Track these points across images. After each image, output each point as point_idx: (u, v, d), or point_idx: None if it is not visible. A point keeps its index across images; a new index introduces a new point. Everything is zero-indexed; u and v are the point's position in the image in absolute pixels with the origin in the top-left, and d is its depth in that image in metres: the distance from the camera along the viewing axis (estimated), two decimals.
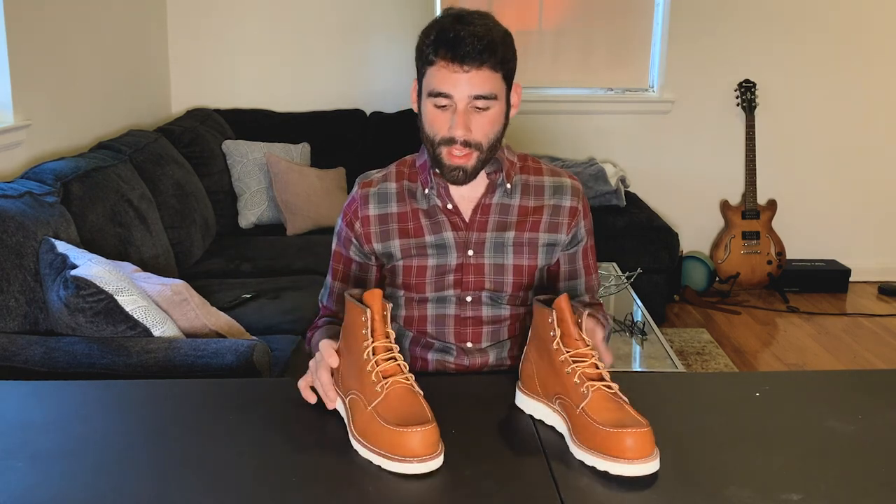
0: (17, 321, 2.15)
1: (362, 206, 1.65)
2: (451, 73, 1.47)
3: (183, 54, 4.44)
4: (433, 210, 1.63)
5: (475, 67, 1.47)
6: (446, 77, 1.48)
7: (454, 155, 1.53)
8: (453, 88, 1.48)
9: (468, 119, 1.50)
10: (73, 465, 1.18)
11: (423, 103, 1.54)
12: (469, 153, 1.53)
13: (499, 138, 1.56)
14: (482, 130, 1.52)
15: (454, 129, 1.50)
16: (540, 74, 4.59)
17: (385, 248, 1.64)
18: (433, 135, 1.54)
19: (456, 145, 1.51)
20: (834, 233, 4.77)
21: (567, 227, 1.66)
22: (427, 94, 1.52)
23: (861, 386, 1.48)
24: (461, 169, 1.54)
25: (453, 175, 1.55)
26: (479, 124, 1.51)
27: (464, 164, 1.54)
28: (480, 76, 1.48)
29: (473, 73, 1.47)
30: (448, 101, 1.49)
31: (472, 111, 1.50)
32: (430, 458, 1.16)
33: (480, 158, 1.55)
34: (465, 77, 1.47)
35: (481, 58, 1.46)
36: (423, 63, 1.52)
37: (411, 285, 1.64)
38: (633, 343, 2.76)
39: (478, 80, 1.48)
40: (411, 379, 1.25)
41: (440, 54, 1.47)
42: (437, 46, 1.48)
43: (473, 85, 1.48)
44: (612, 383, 1.24)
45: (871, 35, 4.53)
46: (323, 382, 1.33)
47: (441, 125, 1.52)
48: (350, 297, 1.30)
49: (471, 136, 1.51)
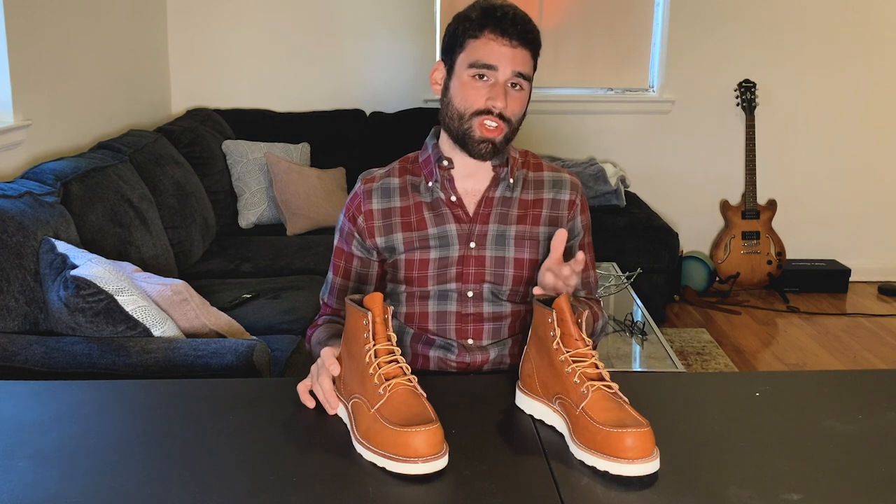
0: (17, 321, 2.15)
1: (365, 200, 1.66)
2: (500, 45, 1.53)
3: (183, 54, 4.44)
4: (436, 203, 1.64)
5: (521, 45, 1.54)
6: (493, 49, 1.53)
7: (486, 127, 1.55)
8: (499, 61, 1.53)
9: (507, 93, 1.54)
10: (72, 465, 1.18)
11: (457, 77, 1.57)
12: (501, 126, 1.56)
13: (521, 121, 1.61)
14: (513, 108, 1.57)
15: (494, 100, 1.54)
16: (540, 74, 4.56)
17: (388, 241, 1.65)
18: (466, 107, 1.56)
19: (490, 116, 1.55)
20: (834, 233, 4.77)
21: (565, 220, 1.68)
22: (468, 66, 1.55)
23: (861, 386, 1.48)
24: (491, 142, 1.57)
25: (481, 148, 1.57)
26: (513, 103, 1.56)
27: (494, 136, 1.56)
28: (524, 55, 1.55)
29: (519, 50, 1.54)
30: (491, 73, 1.54)
31: (508, 88, 1.55)
32: (435, 458, 1.15)
33: (507, 136, 1.59)
34: (511, 52, 1.53)
35: (527, 38, 1.54)
36: (464, 37, 1.56)
37: (413, 279, 1.64)
38: (633, 343, 2.76)
39: (521, 58, 1.54)
40: (414, 380, 1.25)
41: (489, 27, 1.53)
42: (484, 21, 1.53)
43: (517, 62, 1.54)
44: (611, 383, 1.24)
45: (871, 35, 4.53)
46: (325, 389, 1.33)
47: (478, 96, 1.55)
48: (351, 302, 1.30)
49: (506, 110, 1.55)
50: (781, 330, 4.11)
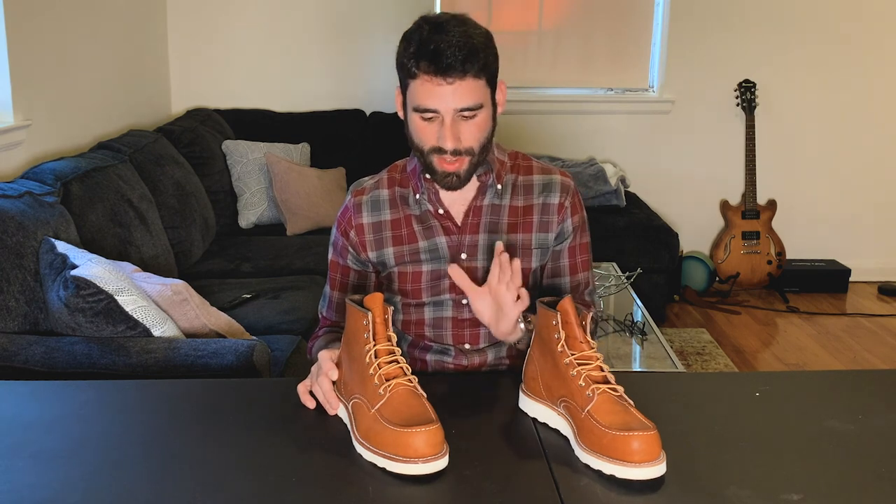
0: (17, 321, 2.15)
1: (355, 214, 1.64)
2: (436, 86, 1.44)
3: (183, 54, 4.44)
4: (425, 215, 1.62)
5: (458, 78, 1.44)
6: (430, 91, 1.45)
7: (445, 162, 1.51)
8: (439, 103, 1.45)
9: (456, 129, 1.48)
10: (72, 465, 1.18)
11: (409, 115, 1.52)
12: (461, 160, 1.51)
13: (489, 140, 1.54)
14: (472, 136, 1.49)
15: (443, 141, 1.48)
16: (540, 74, 4.59)
17: (379, 255, 1.63)
18: (422, 145, 1.52)
19: (446, 154, 1.49)
20: (834, 233, 4.77)
21: (555, 225, 1.64)
22: (412, 109, 1.49)
23: (861, 386, 1.48)
24: (454, 175, 1.52)
25: (447, 181, 1.53)
26: (469, 132, 1.49)
27: (456, 169, 1.52)
28: (464, 87, 1.45)
29: (457, 84, 1.44)
30: (435, 115, 1.47)
31: (459, 120, 1.47)
32: (435, 458, 1.15)
33: (472, 162, 1.52)
34: (449, 90, 1.44)
35: (464, 68, 1.43)
36: (405, 75, 1.48)
37: (407, 291, 1.63)
38: (633, 343, 2.76)
39: (462, 92, 1.45)
40: (414, 380, 1.25)
41: (422, 67, 1.44)
42: (418, 59, 1.44)
43: (458, 98, 1.45)
44: (617, 386, 1.23)
45: (871, 35, 4.53)
46: (325, 391, 1.33)
47: (429, 136, 1.50)
48: (351, 303, 1.30)
49: (461, 144, 1.49)
50: (781, 330, 4.11)
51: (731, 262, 4.56)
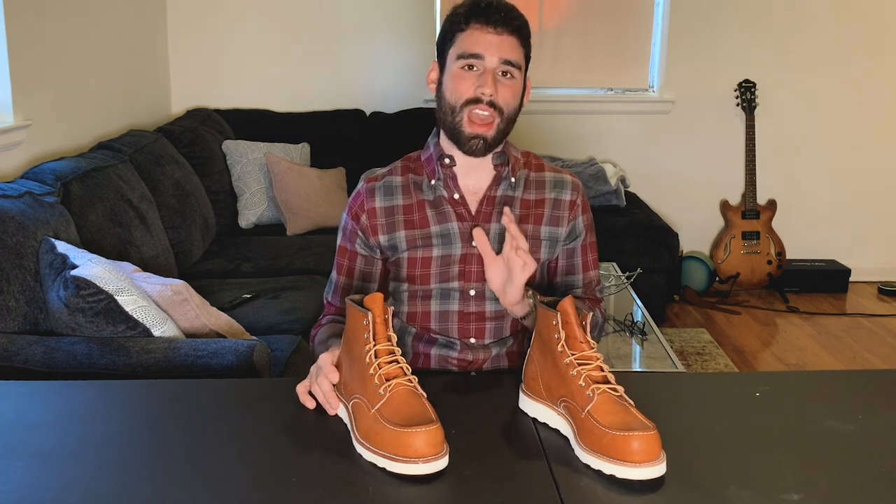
0: (17, 321, 2.15)
1: (368, 198, 1.66)
2: (485, 34, 1.54)
3: (183, 54, 4.44)
4: (439, 201, 1.64)
5: (507, 32, 1.54)
6: (479, 38, 1.54)
7: (476, 121, 1.55)
8: (486, 49, 1.54)
9: (496, 81, 1.55)
10: (72, 465, 1.18)
11: (448, 71, 1.58)
12: (492, 118, 1.55)
13: (516, 113, 1.60)
14: (505, 97, 1.56)
15: (482, 88, 1.54)
16: (540, 74, 4.59)
17: (390, 239, 1.64)
18: (457, 98, 1.56)
19: (481, 105, 1.54)
20: (834, 233, 4.77)
21: (567, 221, 1.67)
22: (456, 58, 1.56)
23: (861, 386, 1.48)
24: (481, 137, 1.56)
25: (472, 144, 1.57)
26: (504, 91, 1.56)
27: (485, 132, 1.56)
28: (510, 42, 1.55)
29: (505, 37, 1.54)
30: (478, 62, 1.54)
31: (499, 77, 1.55)
32: (435, 458, 1.15)
33: (500, 128, 1.57)
34: (496, 40, 1.54)
35: (513, 25, 1.54)
36: (452, 32, 1.57)
37: (416, 277, 1.64)
38: (633, 343, 2.76)
39: (508, 45, 1.55)
40: (414, 380, 1.25)
41: (474, 19, 1.54)
42: (470, 14, 1.55)
43: (504, 49, 1.54)
44: (617, 386, 1.23)
45: (871, 35, 4.53)
46: (324, 391, 1.33)
47: (467, 86, 1.55)
48: (351, 303, 1.30)
49: (497, 97, 1.55)
50: (781, 330, 4.11)
51: (731, 262, 4.56)
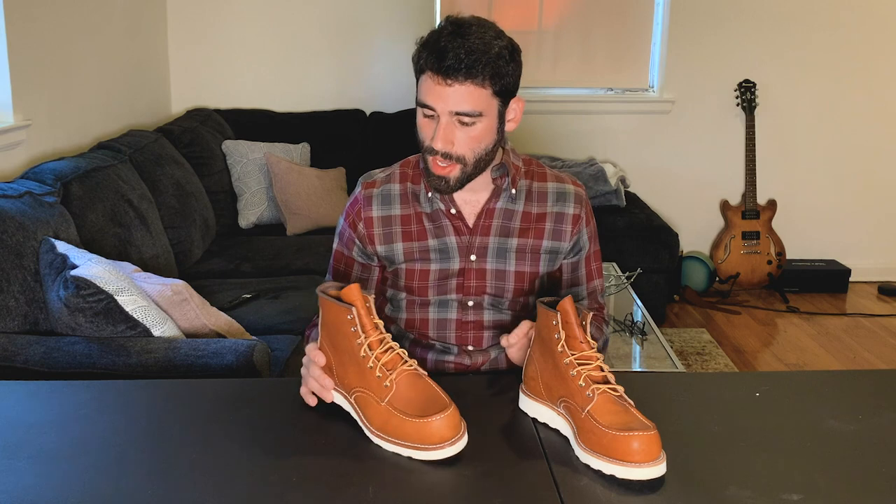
0: (17, 321, 2.15)
1: (365, 206, 1.64)
2: (435, 84, 1.45)
3: (183, 54, 4.44)
4: (436, 214, 1.62)
5: (458, 82, 1.44)
6: (430, 89, 1.46)
7: (437, 165, 1.52)
8: (436, 101, 1.46)
9: (450, 133, 1.48)
10: (73, 465, 1.18)
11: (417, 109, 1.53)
12: (451, 165, 1.51)
13: (488, 153, 1.53)
14: (466, 145, 1.50)
15: (434, 141, 1.49)
16: (540, 74, 4.59)
17: (388, 250, 1.63)
18: (421, 141, 1.54)
19: (437, 156, 1.50)
20: (834, 233, 4.77)
21: (570, 235, 1.65)
22: (417, 103, 1.51)
23: (861, 386, 1.48)
24: (444, 179, 1.53)
25: (436, 184, 1.54)
26: (463, 139, 1.49)
27: (446, 175, 1.52)
28: (464, 92, 1.45)
29: (457, 87, 1.44)
30: (432, 112, 1.48)
31: (455, 125, 1.48)
32: (458, 439, 1.19)
33: (465, 172, 1.53)
34: (447, 91, 1.45)
35: (466, 73, 1.43)
36: (416, 69, 1.51)
37: (414, 289, 1.64)
38: (633, 343, 2.76)
39: (460, 96, 1.45)
40: (414, 363, 1.27)
41: (428, 65, 1.46)
42: (427, 56, 1.46)
43: (455, 101, 1.45)
44: (617, 386, 1.23)
45: (872, 35, 4.53)
46: (316, 376, 1.33)
47: (427, 134, 1.51)
48: (328, 297, 1.29)
49: (452, 149, 1.49)
50: (781, 330, 4.11)
51: (731, 262, 4.56)
